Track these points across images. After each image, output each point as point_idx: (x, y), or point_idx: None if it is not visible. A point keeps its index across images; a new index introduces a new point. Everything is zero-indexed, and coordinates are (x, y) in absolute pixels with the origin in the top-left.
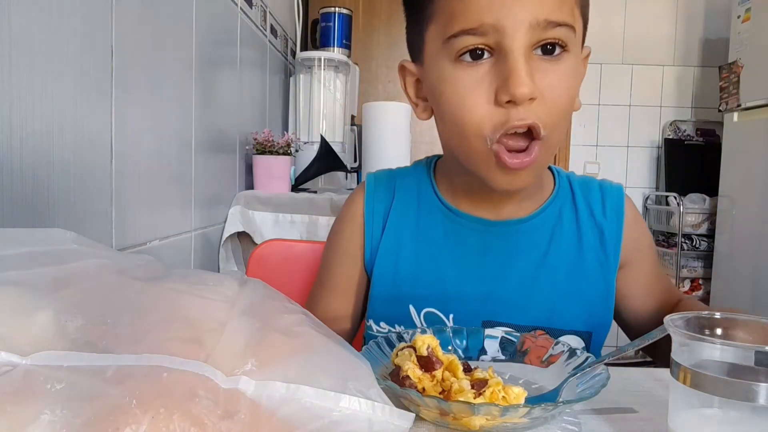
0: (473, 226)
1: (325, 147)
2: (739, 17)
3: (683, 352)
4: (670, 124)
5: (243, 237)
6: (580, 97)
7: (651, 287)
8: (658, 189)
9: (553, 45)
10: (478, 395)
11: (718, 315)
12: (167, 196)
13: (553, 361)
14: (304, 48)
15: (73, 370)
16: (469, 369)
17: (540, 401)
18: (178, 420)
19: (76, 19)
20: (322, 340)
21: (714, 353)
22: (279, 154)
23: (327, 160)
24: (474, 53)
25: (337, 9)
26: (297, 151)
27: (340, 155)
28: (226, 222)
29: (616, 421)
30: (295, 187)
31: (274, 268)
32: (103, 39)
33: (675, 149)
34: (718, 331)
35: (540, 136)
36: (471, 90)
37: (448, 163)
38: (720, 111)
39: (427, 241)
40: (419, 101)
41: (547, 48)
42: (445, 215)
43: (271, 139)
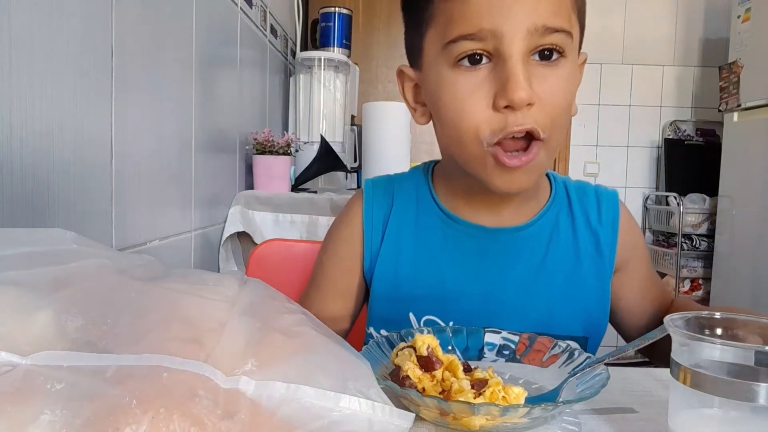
0: (472, 232)
1: (325, 147)
2: (739, 17)
3: (683, 352)
4: (670, 124)
5: (243, 237)
6: (581, 96)
7: (646, 290)
8: (658, 189)
9: (550, 50)
10: (478, 395)
11: (718, 315)
12: (167, 196)
13: (553, 361)
14: (304, 48)
15: (73, 370)
16: (469, 369)
17: (540, 401)
18: (178, 420)
19: (76, 19)
20: (322, 340)
21: (714, 353)
22: (279, 154)
23: (327, 160)
24: (472, 58)
25: (337, 9)
26: (297, 151)
27: (340, 155)
28: (226, 222)
29: (616, 421)
30: (295, 187)
31: (274, 268)
32: (103, 39)
33: (675, 149)
34: (718, 331)
35: (540, 137)
36: (469, 95)
37: (447, 168)
38: (720, 111)
39: (427, 247)
40: (417, 106)
41: (545, 53)
42: (444, 221)
43: (271, 139)
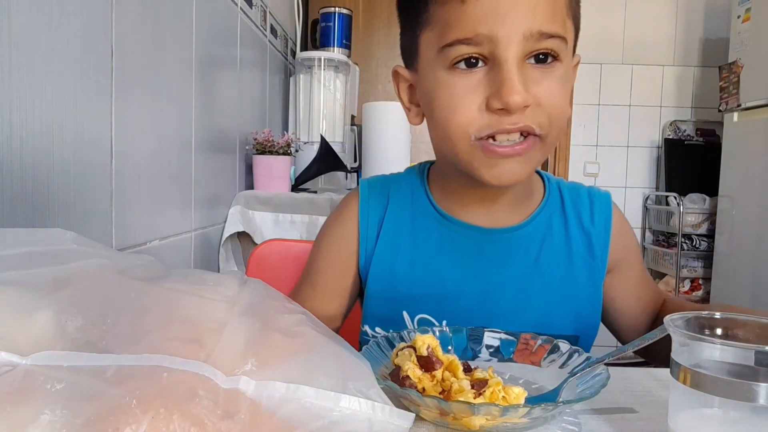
0: (467, 233)
1: (325, 147)
2: (739, 17)
3: (683, 352)
4: (670, 124)
5: (243, 237)
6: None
7: (639, 291)
8: (658, 189)
9: (545, 55)
10: (478, 395)
11: (718, 315)
12: (167, 196)
13: (553, 361)
14: (304, 48)
15: (73, 370)
16: (469, 369)
17: (540, 401)
18: (178, 420)
19: (76, 19)
20: (322, 340)
21: (714, 353)
22: (279, 154)
23: (327, 160)
24: (468, 61)
25: (337, 9)
26: (297, 151)
27: (340, 155)
28: (226, 222)
29: (616, 421)
30: (295, 187)
31: (274, 268)
32: (103, 39)
33: (675, 149)
34: (718, 331)
35: (536, 133)
36: (464, 96)
37: (441, 169)
38: (720, 111)
39: (422, 247)
40: (412, 106)
41: (540, 57)
42: (439, 221)
43: (271, 139)
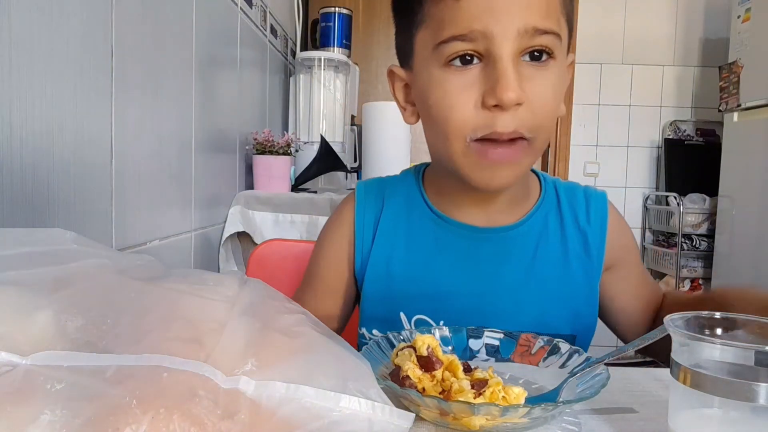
0: (463, 233)
1: (325, 147)
2: (739, 17)
3: (683, 352)
4: (670, 124)
5: (243, 237)
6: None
7: (638, 289)
8: (658, 189)
9: (540, 52)
10: (478, 395)
11: (718, 315)
12: (167, 196)
13: (552, 361)
14: (304, 48)
15: (73, 370)
16: (469, 369)
17: (540, 401)
18: (178, 420)
19: (76, 19)
20: (322, 340)
21: (714, 353)
22: (279, 154)
23: (327, 160)
24: (463, 59)
25: (337, 9)
26: (297, 151)
27: (340, 155)
28: (226, 222)
29: (616, 421)
30: (295, 187)
31: (274, 268)
32: (103, 39)
33: (675, 149)
34: (718, 331)
35: (525, 137)
36: (459, 93)
37: (436, 169)
38: (720, 111)
39: (418, 248)
40: (407, 105)
41: (535, 54)
42: (435, 222)
43: (271, 139)
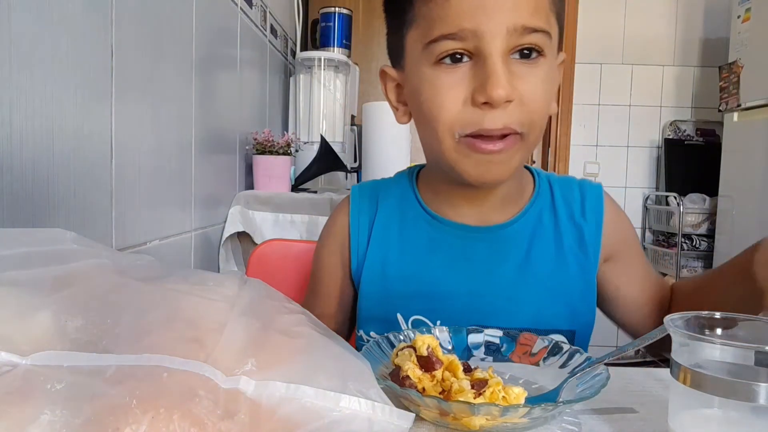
0: (457, 232)
1: (325, 147)
2: (739, 17)
3: (683, 352)
4: (670, 124)
5: (243, 237)
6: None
7: (642, 280)
8: (658, 189)
9: (530, 50)
10: (478, 395)
11: (718, 315)
12: (167, 196)
13: (552, 361)
14: (304, 48)
15: (73, 370)
16: (469, 369)
17: (540, 401)
18: (178, 420)
19: (76, 19)
20: (322, 340)
21: (714, 353)
22: (279, 154)
23: (327, 160)
24: (453, 57)
25: (337, 9)
26: (297, 151)
27: (340, 155)
28: (226, 222)
29: (616, 421)
30: (295, 187)
31: (274, 268)
32: (103, 39)
33: (675, 149)
34: (718, 331)
35: (516, 131)
36: (448, 90)
37: (431, 169)
38: (720, 111)
39: (412, 249)
40: (399, 105)
41: (524, 52)
42: (429, 223)
43: (271, 139)
